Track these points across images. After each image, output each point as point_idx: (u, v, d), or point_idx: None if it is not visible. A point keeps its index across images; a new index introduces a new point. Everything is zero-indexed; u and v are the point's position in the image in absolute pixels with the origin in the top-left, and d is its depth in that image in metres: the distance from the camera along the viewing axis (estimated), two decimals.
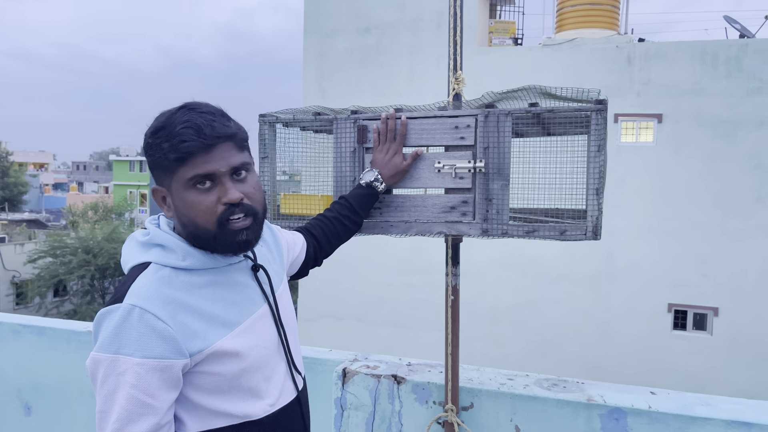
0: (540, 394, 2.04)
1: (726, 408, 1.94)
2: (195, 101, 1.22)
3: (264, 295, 1.30)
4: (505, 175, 1.58)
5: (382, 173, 1.71)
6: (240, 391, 1.21)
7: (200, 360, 1.14)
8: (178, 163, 1.14)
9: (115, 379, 1.07)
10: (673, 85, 10.45)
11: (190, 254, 1.19)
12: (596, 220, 1.50)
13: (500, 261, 11.19)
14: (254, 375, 1.23)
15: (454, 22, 1.95)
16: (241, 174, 1.20)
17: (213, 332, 1.16)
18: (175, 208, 1.20)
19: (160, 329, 1.09)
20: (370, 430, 2.21)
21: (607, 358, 10.84)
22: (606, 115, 1.51)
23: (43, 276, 23.89)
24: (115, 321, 1.09)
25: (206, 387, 1.17)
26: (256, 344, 1.24)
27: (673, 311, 10.77)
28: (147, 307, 1.09)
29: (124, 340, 1.08)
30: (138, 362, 1.07)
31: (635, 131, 10.79)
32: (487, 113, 1.60)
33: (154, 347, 1.08)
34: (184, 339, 1.11)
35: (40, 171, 65.98)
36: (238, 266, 1.27)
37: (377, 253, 11.42)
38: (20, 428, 2.93)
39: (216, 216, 1.17)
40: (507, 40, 11.79)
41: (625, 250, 10.85)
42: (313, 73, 12.38)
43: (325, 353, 2.53)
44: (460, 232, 1.64)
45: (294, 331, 1.40)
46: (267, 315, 1.30)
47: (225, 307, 1.20)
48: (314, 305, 12.53)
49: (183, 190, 1.17)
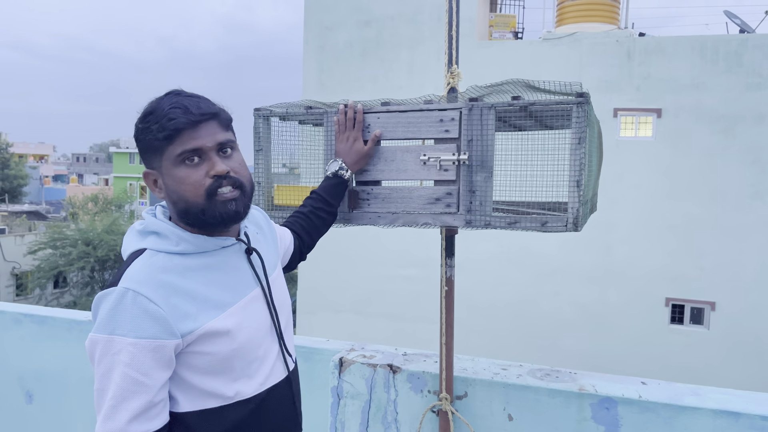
0: (532, 383, 2.08)
1: (715, 398, 1.98)
2: (180, 88, 1.28)
3: (257, 278, 1.34)
4: (488, 168, 1.61)
5: (345, 161, 1.77)
6: (232, 371, 1.25)
7: (192, 340, 1.19)
8: (167, 141, 1.20)
9: (110, 358, 1.12)
10: (673, 79, 10.46)
11: (183, 239, 1.24)
12: (576, 212, 1.53)
13: (498, 254, 11.23)
14: (246, 355, 1.27)
15: (450, 16, 1.98)
16: (227, 151, 1.26)
17: (204, 313, 1.20)
18: (166, 187, 1.25)
19: (152, 311, 1.14)
20: (366, 419, 2.24)
21: (603, 352, 10.90)
22: (587, 108, 1.54)
23: (43, 267, 23.95)
24: (111, 303, 1.14)
25: (199, 367, 1.21)
26: (248, 325, 1.27)
27: (671, 305, 10.82)
28: (140, 290, 1.14)
29: (119, 322, 1.13)
30: (131, 342, 1.12)
31: (634, 126, 10.81)
32: (471, 107, 1.63)
33: (147, 328, 1.13)
34: (176, 320, 1.16)
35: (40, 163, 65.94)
36: (231, 249, 1.31)
37: (375, 245, 11.47)
38: (22, 416, 2.97)
39: (204, 188, 1.22)
40: (507, 33, 11.79)
41: (623, 244, 10.89)
42: (313, 66, 12.38)
43: (323, 343, 2.57)
44: (444, 223, 1.68)
45: (286, 314, 1.43)
46: (260, 297, 1.33)
47: (217, 289, 1.24)
48: (313, 298, 12.58)
49: (172, 167, 1.22)
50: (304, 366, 2.52)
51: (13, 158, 49.72)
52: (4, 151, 47.71)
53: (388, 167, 1.74)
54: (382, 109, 1.74)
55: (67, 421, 2.85)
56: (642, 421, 1.96)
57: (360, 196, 1.78)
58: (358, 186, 1.80)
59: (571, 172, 1.54)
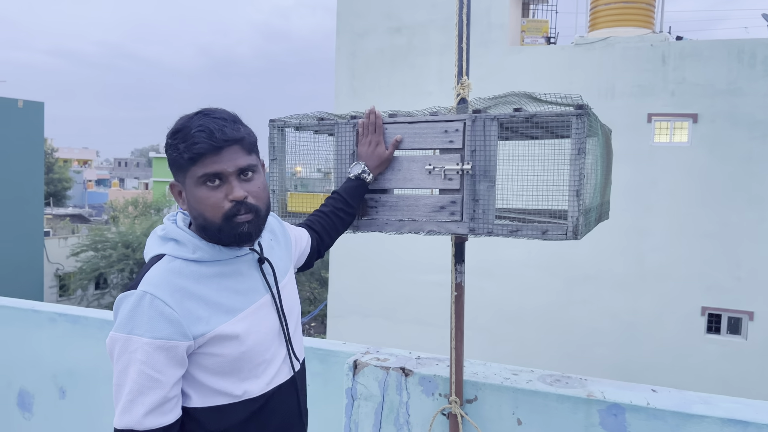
0: (541, 388, 2.10)
1: (724, 407, 1.98)
2: (211, 107, 1.35)
3: (268, 285, 1.42)
4: (491, 177, 1.66)
5: (368, 164, 1.84)
6: (240, 371, 1.33)
7: (203, 342, 1.27)
8: (191, 162, 1.28)
9: (128, 356, 1.21)
10: (709, 84, 10.26)
11: (200, 248, 1.32)
12: (576, 221, 1.56)
13: (527, 261, 11.16)
14: (254, 358, 1.35)
15: (460, 29, 2.03)
16: (248, 174, 1.33)
17: (216, 318, 1.29)
18: (188, 202, 1.34)
19: (168, 314, 1.23)
20: (378, 420, 2.30)
21: (636, 361, 10.71)
22: (586, 120, 1.57)
23: (84, 269, 24.67)
24: (130, 305, 1.23)
25: (210, 367, 1.30)
26: (256, 330, 1.36)
27: (707, 314, 10.59)
28: (157, 293, 1.23)
29: (137, 322, 1.22)
30: (147, 342, 1.21)
31: (669, 131, 10.63)
32: (474, 118, 1.69)
33: (162, 329, 1.22)
34: (189, 323, 1.25)
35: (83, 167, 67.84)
36: (244, 258, 1.39)
37: (404, 251, 11.51)
38: (55, 410, 3.11)
39: (223, 211, 1.30)
40: (539, 39, 11.73)
41: (657, 252, 10.70)
42: (345, 73, 12.52)
43: (339, 345, 2.63)
44: (449, 231, 1.73)
45: (295, 319, 1.52)
46: (269, 304, 1.41)
47: (229, 295, 1.33)
48: (342, 302, 12.69)
49: (194, 186, 1.30)
50: (321, 367, 2.59)
51: (58, 163, 51.29)
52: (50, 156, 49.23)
53: (395, 176, 1.81)
54: (390, 120, 1.81)
55: (97, 417, 2.98)
56: (649, 428, 1.97)
57: (368, 204, 1.85)
58: (367, 194, 1.87)
59: (571, 182, 1.58)
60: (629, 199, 10.61)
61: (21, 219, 23.89)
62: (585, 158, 1.57)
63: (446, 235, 1.77)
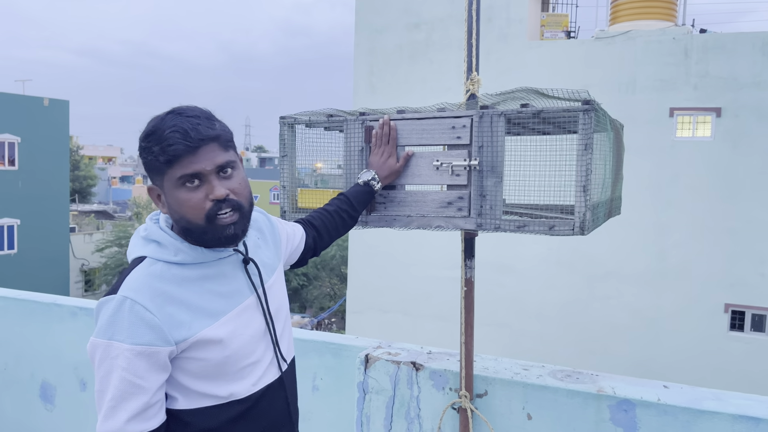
0: (552, 384, 2.11)
1: (736, 403, 1.96)
2: (183, 105, 1.31)
3: (253, 286, 1.39)
4: (498, 173, 1.67)
5: (378, 173, 1.84)
6: (226, 374, 1.32)
7: (186, 347, 1.26)
8: (167, 165, 1.25)
9: (109, 362, 1.20)
10: (733, 78, 10.09)
11: (182, 250, 1.30)
12: (583, 216, 1.57)
13: (547, 257, 11.09)
14: (239, 361, 1.33)
15: (469, 25, 2.03)
16: (227, 171, 1.30)
17: (198, 322, 1.27)
18: (168, 206, 1.30)
19: (148, 319, 1.21)
20: (390, 414, 2.32)
21: (658, 359, 10.60)
22: (593, 116, 1.57)
23: (109, 264, 25.12)
24: (110, 310, 1.22)
25: (193, 371, 1.29)
26: (241, 333, 1.34)
27: (730, 311, 10.43)
28: (137, 298, 1.21)
29: (117, 328, 1.20)
30: (128, 348, 1.19)
31: (692, 126, 10.47)
32: (481, 114, 1.69)
33: (143, 335, 1.20)
34: (170, 328, 1.23)
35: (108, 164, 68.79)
36: (228, 260, 1.37)
37: (423, 247, 11.51)
38: (76, 402, 3.19)
39: (204, 212, 1.27)
40: (559, 33, 11.63)
41: (679, 248, 10.56)
42: (364, 70, 12.53)
43: (352, 340, 2.66)
44: (456, 226, 1.74)
45: (283, 319, 1.49)
46: (254, 305, 1.39)
47: (212, 298, 1.31)
48: (362, 297, 12.73)
49: (173, 188, 1.27)
50: (334, 361, 2.62)
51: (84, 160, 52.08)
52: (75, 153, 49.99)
53: (404, 172, 1.82)
54: (398, 116, 1.82)
55: None
56: (660, 424, 1.97)
57: (377, 200, 1.87)
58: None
59: (578, 178, 1.58)
60: (651, 194, 10.49)
61: (47, 215, 24.36)
62: (592, 154, 1.57)
63: (454, 230, 1.78)
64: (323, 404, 2.66)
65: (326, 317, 27.60)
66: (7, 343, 3.35)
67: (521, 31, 11.25)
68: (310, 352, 2.65)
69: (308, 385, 2.66)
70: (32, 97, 24.58)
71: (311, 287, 30.39)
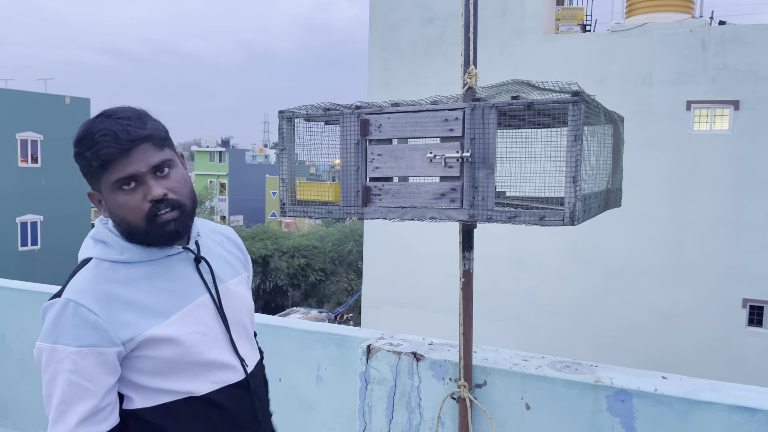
0: (550, 374, 2.13)
1: (733, 393, 1.97)
2: (114, 107, 1.29)
3: (206, 285, 1.37)
4: (489, 164, 1.69)
5: None
6: (182, 371, 1.29)
7: (134, 346, 1.24)
8: (101, 170, 1.23)
9: (54, 366, 1.19)
10: (751, 70, 9.94)
11: (127, 249, 1.29)
12: (573, 207, 1.59)
13: (563, 251, 11.04)
14: (193, 359, 1.30)
15: (467, 19, 2.05)
16: (164, 171, 1.28)
17: (145, 321, 1.25)
18: (108, 209, 1.29)
19: (93, 321, 1.20)
20: (391, 403, 2.36)
21: (674, 354, 10.52)
22: (582, 107, 1.59)
23: None
24: (54, 314, 1.21)
25: (145, 369, 1.27)
26: (193, 330, 1.31)
27: (748, 306, 10.31)
28: (81, 300, 1.20)
29: (61, 331, 1.19)
30: (74, 351, 1.18)
31: (709, 119, 10.35)
32: (473, 106, 1.72)
33: (88, 337, 1.19)
34: (115, 329, 1.21)
35: None
36: (177, 257, 1.35)
37: (438, 242, 11.52)
38: None
39: (144, 213, 1.25)
40: (574, 27, 11.54)
41: (696, 242, 10.46)
42: (378, 65, 12.55)
43: (355, 331, 2.70)
44: (449, 217, 1.77)
45: (242, 320, 1.45)
46: (208, 304, 1.36)
47: (161, 296, 1.29)
48: (377, 293, 12.78)
49: (111, 192, 1.26)
50: (337, 352, 2.66)
51: None
52: None
53: (398, 164, 1.85)
54: (392, 109, 1.85)
55: None
56: (657, 414, 1.98)
57: (372, 192, 1.90)
58: (371, 182, 1.92)
59: (568, 169, 1.60)
60: (668, 188, 10.39)
61: (69, 211, 24.78)
62: (582, 145, 1.59)
63: (447, 221, 1.81)
64: (327, 394, 2.71)
65: (343, 312, 27.73)
66: (23, 334, 3.44)
67: (536, 25, 11.19)
68: (315, 343, 2.69)
69: (313, 376, 2.71)
70: (54, 95, 24.99)
71: (328, 282, 30.54)
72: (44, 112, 24.07)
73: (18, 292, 3.46)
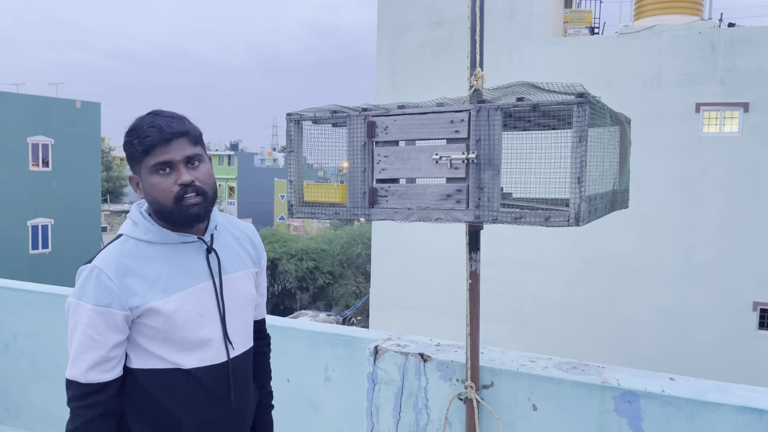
0: (557, 375, 2.13)
1: (741, 395, 1.97)
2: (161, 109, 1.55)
3: (211, 273, 1.57)
4: (495, 166, 1.70)
5: None
6: (174, 343, 1.50)
7: (140, 314, 1.47)
8: (144, 154, 1.47)
9: (76, 318, 1.46)
10: (761, 72, 9.89)
11: (150, 230, 1.52)
12: (578, 208, 1.59)
13: (571, 254, 11.01)
14: (186, 334, 1.50)
15: (473, 21, 2.06)
16: (194, 163, 1.51)
17: (151, 294, 1.47)
18: (144, 190, 1.51)
19: (109, 287, 1.44)
20: (398, 404, 2.36)
21: (684, 357, 10.45)
22: (587, 108, 1.60)
23: None
24: (84, 276, 1.47)
25: (146, 334, 1.49)
26: (189, 309, 1.51)
27: (759, 310, 10.23)
28: (104, 268, 1.45)
29: (85, 291, 1.45)
30: (91, 308, 1.44)
31: (719, 121, 10.30)
32: (479, 108, 1.73)
33: (104, 298, 1.44)
34: (126, 296, 1.45)
35: None
36: (191, 246, 1.56)
37: (446, 244, 11.52)
38: None
39: (173, 194, 1.47)
40: (583, 29, 11.52)
41: (706, 245, 10.40)
42: (386, 68, 12.58)
43: (363, 332, 2.71)
44: (455, 218, 1.78)
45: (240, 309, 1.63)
46: (209, 289, 1.56)
47: (169, 276, 1.50)
48: (385, 295, 12.78)
49: (148, 174, 1.49)
50: (345, 353, 2.68)
51: (116, 161, 53.14)
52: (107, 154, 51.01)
53: (404, 166, 1.87)
54: (399, 112, 1.87)
55: None
56: (664, 415, 1.98)
57: (378, 193, 1.91)
58: (377, 184, 1.93)
59: (572, 170, 1.61)
60: (677, 191, 10.35)
61: (80, 215, 24.95)
62: (586, 146, 1.60)
63: (453, 222, 1.82)
64: (335, 394, 2.72)
65: (351, 315, 27.72)
66: (34, 335, 3.48)
67: (544, 27, 11.18)
68: (323, 344, 2.71)
69: (320, 376, 2.72)
70: (65, 99, 25.18)
71: (337, 285, 30.54)
72: (55, 116, 24.26)
73: (30, 293, 3.50)
